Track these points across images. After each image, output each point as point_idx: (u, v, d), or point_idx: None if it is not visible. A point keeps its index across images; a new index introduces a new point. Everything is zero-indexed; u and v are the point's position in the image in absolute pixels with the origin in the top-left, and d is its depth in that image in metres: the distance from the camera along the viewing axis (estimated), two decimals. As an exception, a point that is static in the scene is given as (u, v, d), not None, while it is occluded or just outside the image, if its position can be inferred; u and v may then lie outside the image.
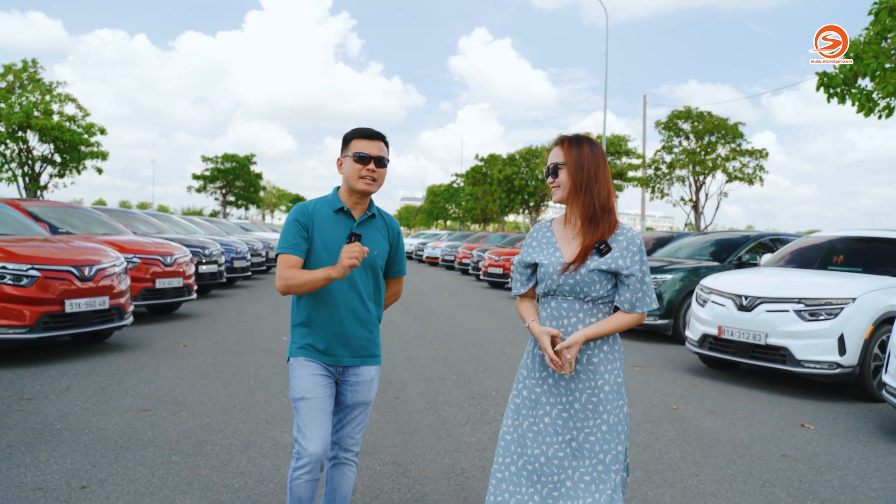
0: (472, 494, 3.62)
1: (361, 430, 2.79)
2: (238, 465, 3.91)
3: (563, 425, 2.39)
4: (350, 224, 2.66)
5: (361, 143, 2.63)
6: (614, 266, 2.36)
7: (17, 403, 5.01)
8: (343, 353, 2.66)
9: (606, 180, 2.45)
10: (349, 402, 2.72)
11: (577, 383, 2.40)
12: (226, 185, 52.20)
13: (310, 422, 2.56)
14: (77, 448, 4.09)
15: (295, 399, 2.62)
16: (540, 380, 2.45)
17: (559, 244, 2.47)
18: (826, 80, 10.16)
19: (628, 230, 2.42)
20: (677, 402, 5.88)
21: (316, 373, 2.62)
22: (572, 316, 2.40)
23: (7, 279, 6.24)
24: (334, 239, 2.60)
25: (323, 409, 2.60)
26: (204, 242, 12.96)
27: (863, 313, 6.08)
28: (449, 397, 5.72)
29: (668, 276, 9.38)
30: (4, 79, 25.68)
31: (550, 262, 2.43)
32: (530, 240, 2.57)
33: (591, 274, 2.36)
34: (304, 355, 2.64)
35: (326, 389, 2.63)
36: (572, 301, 2.40)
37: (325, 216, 2.64)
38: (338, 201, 2.67)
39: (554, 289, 2.42)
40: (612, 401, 2.38)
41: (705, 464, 4.27)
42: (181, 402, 5.22)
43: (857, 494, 3.85)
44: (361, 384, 2.72)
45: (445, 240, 33.90)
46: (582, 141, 2.45)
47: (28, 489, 3.45)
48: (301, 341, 2.66)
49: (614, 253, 2.36)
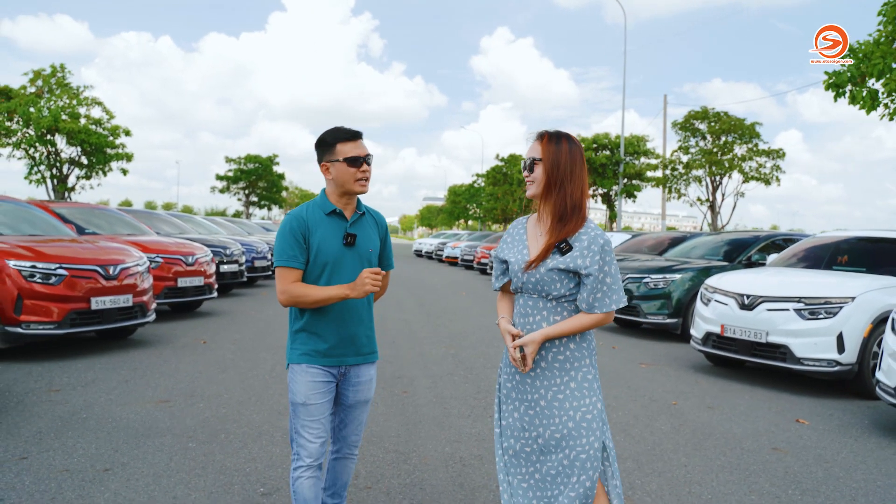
0: (467, 480, 3.84)
1: (362, 428, 2.88)
2: (250, 452, 4.17)
3: (530, 422, 2.42)
4: (343, 225, 2.69)
5: (347, 146, 2.65)
6: (572, 265, 2.35)
7: (46, 394, 5.33)
8: (347, 353, 2.71)
9: (581, 180, 2.43)
10: (351, 402, 2.78)
11: (542, 381, 2.41)
12: (248, 185, 52.84)
13: (309, 425, 2.65)
14: (101, 435, 4.37)
15: (295, 403, 2.68)
16: (510, 376, 2.50)
17: (528, 241, 2.49)
18: (834, 80, 10.23)
19: (593, 230, 2.40)
20: (677, 397, 6.04)
21: (318, 379, 2.67)
22: (536, 314, 2.42)
23: (37, 278, 6.57)
24: (330, 241, 2.64)
25: (323, 413, 2.68)
26: (225, 242, 13.31)
27: (862, 312, 6.20)
28: (455, 392, 5.94)
29: (678, 276, 9.51)
30: (34, 84, 26.38)
31: (517, 260, 2.46)
32: (506, 236, 2.59)
33: (551, 273, 2.37)
34: (306, 362, 2.67)
35: (326, 395, 2.69)
36: (536, 299, 2.42)
37: (318, 220, 2.66)
38: (328, 204, 2.70)
39: (520, 286, 2.45)
40: (580, 398, 2.38)
41: (696, 455, 4.45)
42: (199, 394, 5.50)
43: (838, 485, 4.00)
44: (362, 383, 2.79)
45: (465, 240, 34.05)
46: (562, 138, 2.43)
47: (56, 470, 3.73)
48: (303, 347, 2.69)
49: (574, 252, 2.36)
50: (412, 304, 13.05)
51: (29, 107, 25.39)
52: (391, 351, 7.77)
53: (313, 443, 2.64)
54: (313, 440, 2.64)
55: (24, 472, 3.68)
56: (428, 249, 40.04)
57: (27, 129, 25.75)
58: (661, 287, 9.48)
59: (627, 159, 29.71)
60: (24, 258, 6.62)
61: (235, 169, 52.07)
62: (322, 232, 2.65)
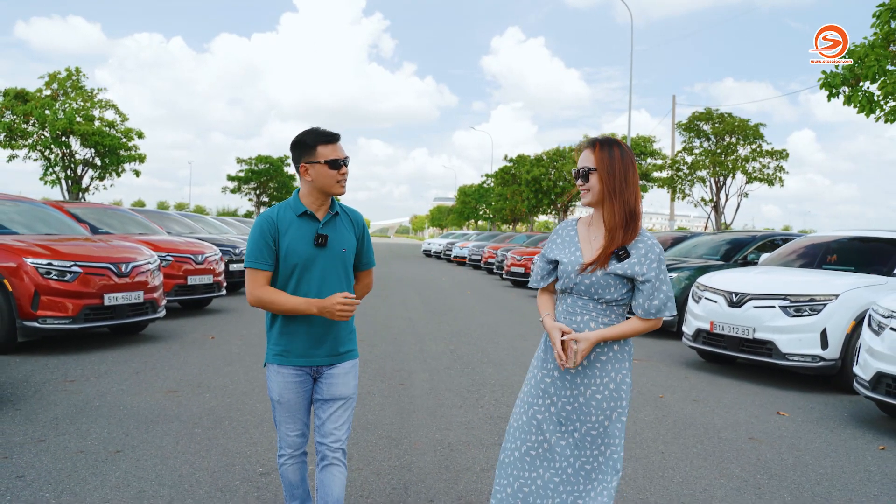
0: (453, 464, 4.09)
1: (345, 428, 2.79)
2: (251, 437, 4.44)
3: (567, 417, 2.46)
4: (315, 226, 2.68)
5: (327, 148, 2.66)
6: (630, 272, 2.41)
7: (62, 384, 5.63)
8: (320, 354, 2.72)
9: (635, 185, 2.46)
10: (326, 397, 2.76)
11: (583, 378, 2.46)
12: (259, 186, 53.27)
13: (286, 419, 2.77)
14: (113, 421, 4.66)
15: (272, 399, 2.78)
16: (549, 372, 2.52)
17: (581, 244, 2.52)
18: (828, 80, 10.39)
19: (648, 238, 2.45)
20: (665, 391, 6.27)
21: (290, 379, 2.72)
22: (585, 314, 2.46)
23: (53, 275, 6.88)
24: (300, 242, 2.65)
25: (297, 408, 2.76)
26: (234, 242, 13.63)
27: (845, 309, 6.40)
28: (450, 384, 6.19)
29: (674, 275, 9.72)
30: (49, 87, 26.88)
31: (570, 261, 2.48)
32: (555, 237, 2.62)
33: (607, 277, 2.41)
34: (278, 362, 2.72)
35: (301, 392, 2.75)
36: (587, 300, 2.46)
37: (289, 221, 2.67)
38: (300, 205, 2.69)
39: (570, 287, 2.48)
40: (617, 399, 2.45)
41: (674, 443, 4.68)
42: (206, 385, 5.78)
43: (806, 471, 4.23)
44: (336, 377, 2.76)
45: (473, 240, 34.33)
46: (613, 145, 2.45)
47: (71, 452, 4.02)
48: (276, 348, 2.73)
49: (632, 259, 2.41)
50: (417, 303, 13.31)
51: (44, 109, 25.90)
52: (393, 347, 8.03)
53: (290, 435, 2.78)
54: (290, 433, 2.78)
55: (42, 453, 3.97)
56: (437, 249, 40.38)
57: (43, 131, 26.27)
58: (657, 286, 9.68)
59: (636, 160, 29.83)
60: (40, 256, 6.93)
61: (246, 170, 52.51)
62: (292, 233, 2.65)
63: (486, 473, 3.94)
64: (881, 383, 5.14)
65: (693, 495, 3.74)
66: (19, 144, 26.40)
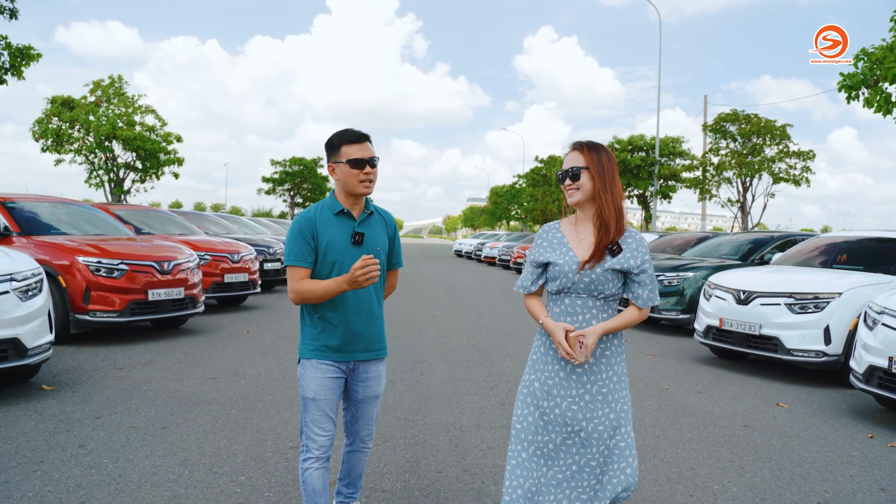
0: (462, 442, 4.51)
1: (374, 421, 2.96)
2: (282, 418, 4.91)
3: (573, 417, 2.52)
4: (351, 224, 2.76)
5: (352, 147, 2.71)
6: (626, 265, 2.52)
7: (112, 371, 6.17)
8: (357, 349, 2.79)
9: (619, 185, 2.60)
10: (361, 398, 2.87)
11: (588, 375, 2.54)
12: (293, 187, 54.24)
13: (319, 420, 2.76)
14: (159, 403, 5.17)
15: (305, 398, 2.78)
16: (552, 373, 2.57)
17: (571, 244, 2.58)
18: (848, 81, 10.56)
19: (635, 233, 2.60)
20: (672, 383, 6.60)
21: (328, 375, 2.76)
22: (586, 312, 2.54)
23: (102, 272, 7.47)
24: (339, 240, 2.73)
25: (332, 408, 2.79)
26: (269, 242, 14.22)
27: (847, 307, 6.65)
28: (468, 375, 6.60)
29: (690, 274, 9.99)
30: (93, 94, 27.99)
31: (565, 262, 2.53)
32: (540, 240, 2.66)
33: (606, 273, 2.51)
34: (316, 357, 2.75)
35: (336, 391, 2.79)
36: (586, 298, 2.54)
37: (327, 220, 2.74)
38: (337, 204, 2.77)
39: (569, 287, 2.54)
40: (619, 390, 2.57)
41: (671, 429, 5.03)
42: (242, 373, 6.29)
43: (791, 454, 4.54)
44: (371, 379, 2.86)
45: (503, 240, 34.64)
46: (599, 147, 2.58)
47: (124, 427, 4.53)
48: (314, 343, 2.76)
49: (625, 254, 2.52)
50: (444, 301, 13.74)
51: (89, 115, 26.97)
52: (416, 341, 8.47)
53: (321, 436, 2.76)
54: (322, 434, 2.76)
55: (98, 428, 4.49)
56: (468, 250, 40.83)
57: (87, 136, 27.36)
58: (674, 285, 9.97)
59: (662, 160, 29.95)
60: (91, 255, 7.53)
61: (281, 171, 53.51)
62: (331, 231, 2.73)
63: (491, 451, 4.35)
64: (873, 376, 5.41)
65: (679, 473, 4.10)
66: (65, 149, 27.57)
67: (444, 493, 3.66)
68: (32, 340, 5.22)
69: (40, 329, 5.34)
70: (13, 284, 5.13)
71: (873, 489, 3.96)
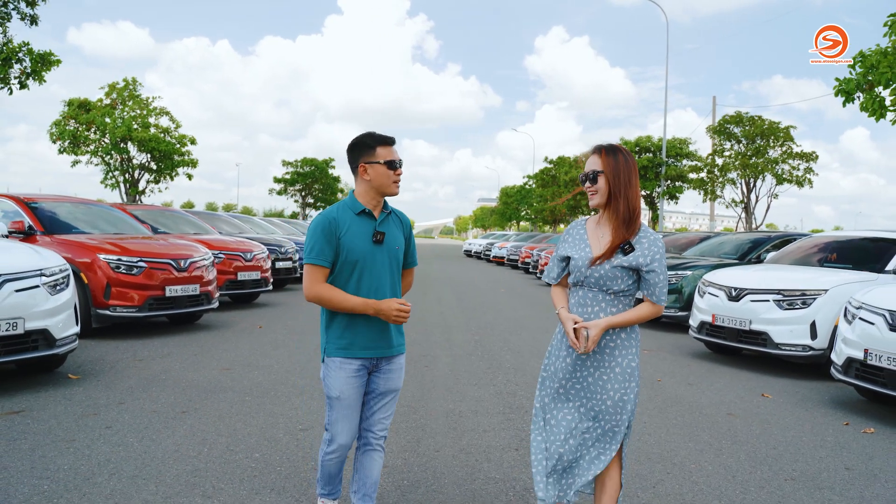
0: (459, 426, 4.85)
1: (390, 417, 3.03)
2: (293, 404, 5.27)
3: (576, 395, 2.80)
4: (372, 224, 2.84)
5: (386, 150, 2.82)
6: (635, 263, 2.68)
7: (132, 363, 6.56)
8: (382, 346, 2.87)
9: (636, 187, 2.73)
10: (381, 391, 2.94)
11: (591, 362, 2.76)
12: (305, 187, 54.70)
13: (343, 418, 2.87)
14: (178, 390, 5.54)
15: (331, 397, 2.87)
16: (560, 358, 2.83)
17: (590, 241, 2.78)
18: (843, 86, 10.82)
19: (651, 233, 2.74)
20: (664, 376, 6.91)
21: (352, 374, 2.83)
22: (595, 305, 2.73)
23: (122, 269, 7.86)
24: (359, 239, 2.79)
25: (355, 407, 2.89)
26: (280, 241, 14.61)
27: (833, 303, 6.93)
28: (469, 367, 6.94)
29: (689, 273, 10.28)
30: (109, 96, 28.56)
31: (580, 256, 2.75)
32: (566, 236, 2.89)
33: (615, 270, 2.68)
34: (342, 356, 2.82)
35: (360, 389, 2.88)
36: (596, 292, 2.73)
37: (349, 219, 2.81)
38: (358, 204, 2.83)
39: (581, 280, 2.75)
40: (622, 381, 2.73)
41: (657, 416, 5.35)
42: (255, 365, 6.65)
43: (768, 439, 4.85)
44: (393, 372, 2.96)
45: (512, 240, 34.95)
46: (617, 150, 2.72)
47: (146, 411, 4.90)
48: (340, 342, 2.83)
49: (636, 252, 2.68)
50: (451, 299, 14.08)
51: (105, 118, 27.54)
52: (423, 336, 8.81)
53: (345, 435, 2.90)
54: (346, 433, 2.89)
55: (123, 412, 4.86)
56: (477, 250, 41.24)
57: (103, 138, 27.92)
58: (673, 283, 10.27)
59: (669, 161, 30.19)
60: (111, 253, 7.92)
61: (292, 172, 53.98)
62: (353, 230, 2.79)
63: (487, 434, 4.68)
64: (851, 367, 5.70)
65: (660, 454, 4.42)
66: (82, 151, 28.14)
67: (441, 469, 3.99)
68: (60, 332, 5.60)
69: (67, 321, 5.72)
70: (43, 279, 5.52)
71: (839, 469, 4.26)
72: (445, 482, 3.79)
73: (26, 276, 5.38)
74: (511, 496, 3.63)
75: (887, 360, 5.30)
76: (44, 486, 3.47)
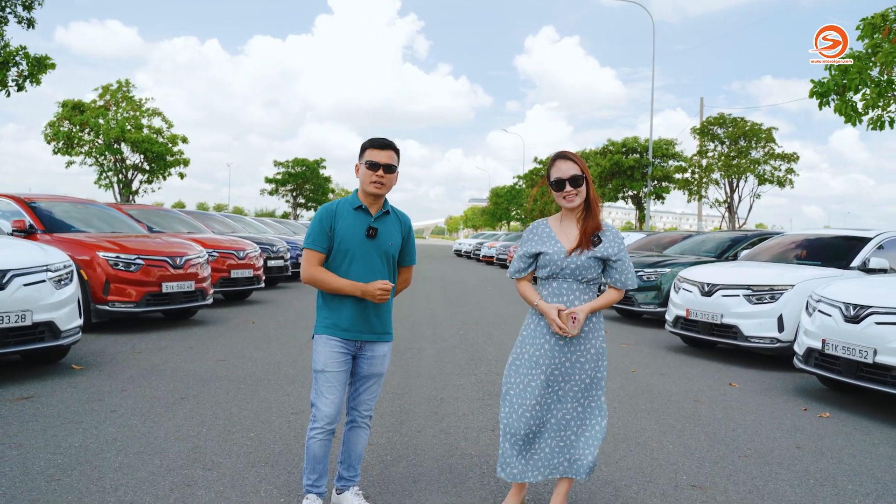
0: (441, 410, 5.19)
1: (375, 399, 3.26)
2: (285, 391, 5.60)
3: (554, 381, 3.08)
4: (368, 219, 3.09)
5: (374, 152, 3.04)
6: (605, 254, 3.06)
7: (131, 355, 6.87)
8: (363, 331, 3.10)
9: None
10: (365, 374, 3.18)
11: (570, 346, 3.07)
12: (296, 188, 54.93)
13: (326, 391, 3.06)
14: (176, 379, 5.86)
15: (316, 371, 3.09)
16: (538, 346, 3.09)
17: (559, 237, 3.10)
18: (818, 89, 11.20)
19: (612, 227, 3.15)
20: (638, 367, 7.27)
21: (336, 350, 3.07)
22: (570, 294, 3.05)
23: (120, 266, 8.16)
24: (353, 231, 3.05)
25: (339, 381, 3.08)
26: (272, 240, 14.92)
27: (799, 297, 7.30)
28: (453, 358, 7.28)
29: (667, 270, 10.66)
30: (102, 98, 28.78)
31: (555, 251, 3.05)
32: (531, 235, 3.17)
33: (589, 260, 3.03)
34: (328, 333, 3.08)
35: (344, 364, 3.09)
36: (571, 282, 3.06)
37: (346, 213, 3.07)
38: (357, 200, 3.11)
39: (557, 272, 3.05)
40: (595, 360, 3.11)
41: (627, 401, 5.70)
42: (248, 356, 6.97)
43: (729, 422, 5.21)
44: (376, 358, 3.18)
45: (502, 240, 35.33)
46: (576, 155, 3.09)
47: (148, 397, 5.22)
48: (326, 321, 3.10)
49: (605, 244, 3.06)
50: (439, 297, 14.42)
51: (98, 119, 27.76)
52: (410, 330, 9.14)
53: (328, 407, 3.05)
54: (328, 405, 3.05)
55: (126, 398, 5.18)
56: (467, 249, 41.63)
57: (97, 139, 28.14)
58: (652, 280, 10.65)
59: (656, 162, 30.68)
60: (110, 250, 8.22)
61: (283, 172, 54.20)
62: (348, 223, 3.06)
63: (466, 417, 5.02)
64: (811, 357, 6.08)
65: (625, 434, 4.78)
66: (76, 151, 28.35)
67: (422, 446, 4.33)
68: (65, 324, 5.90)
69: (71, 314, 6.03)
70: (48, 274, 5.82)
71: (790, 447, 4.62)
72: (425, 458, 4.13)
73: (33, 272, 5.69)
74: (485, 469, 3.97)
75: (842, 350, 5.68)
76: (58, 460, 3.79)
